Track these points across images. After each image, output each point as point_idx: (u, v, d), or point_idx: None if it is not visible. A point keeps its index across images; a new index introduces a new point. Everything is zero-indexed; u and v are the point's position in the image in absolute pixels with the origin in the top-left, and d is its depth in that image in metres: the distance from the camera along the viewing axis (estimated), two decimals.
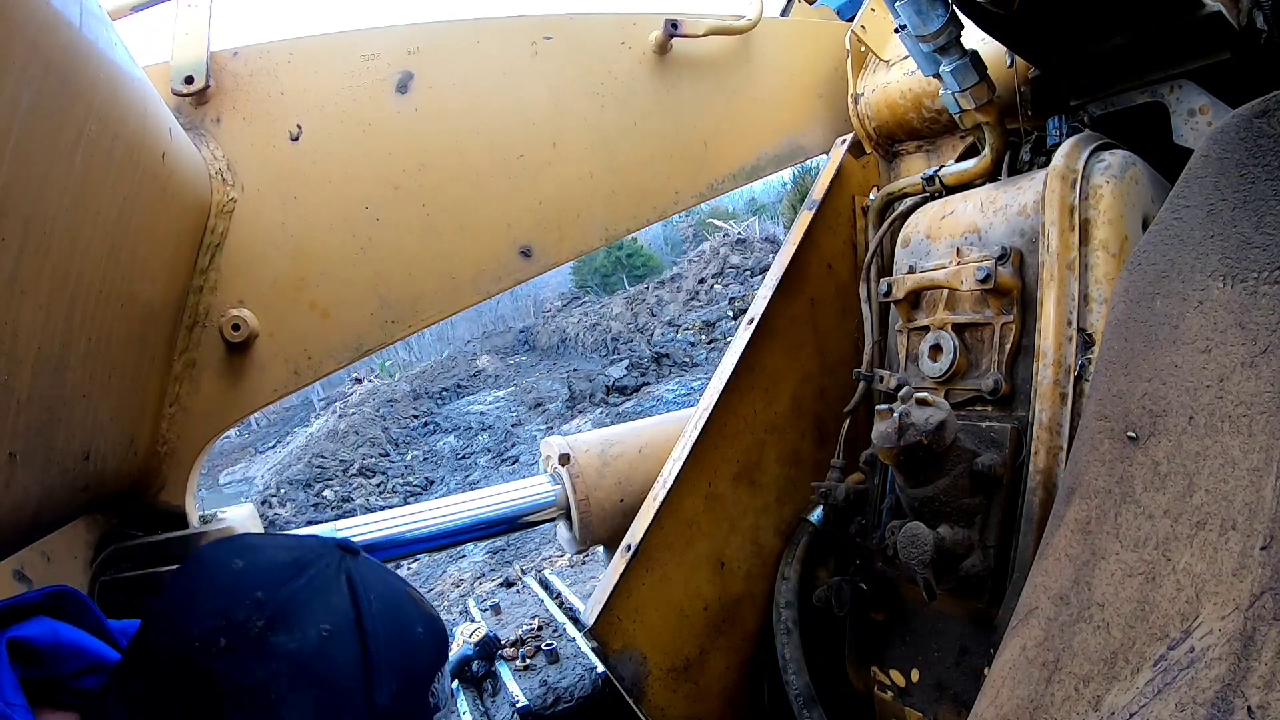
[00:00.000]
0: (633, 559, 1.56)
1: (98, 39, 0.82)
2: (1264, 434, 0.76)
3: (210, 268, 1.39)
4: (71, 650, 0.72)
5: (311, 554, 0.72)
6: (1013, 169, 1.60)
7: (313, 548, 0.73)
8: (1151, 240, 0.96)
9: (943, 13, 1.32)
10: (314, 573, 0.70)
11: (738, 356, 1.71)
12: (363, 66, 1.51)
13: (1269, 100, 0.87)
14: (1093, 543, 0.88)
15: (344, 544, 0.76)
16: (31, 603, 0.74)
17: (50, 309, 0.78)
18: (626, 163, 1.75)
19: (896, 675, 1.56)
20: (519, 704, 2.25)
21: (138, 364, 1.15)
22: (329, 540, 0.76)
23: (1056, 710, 0.82)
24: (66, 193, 0.78)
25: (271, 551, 0.72)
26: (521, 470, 9.81)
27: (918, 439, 1.22)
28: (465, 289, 1.57)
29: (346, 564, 0.73)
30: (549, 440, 1.93)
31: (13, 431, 0.73)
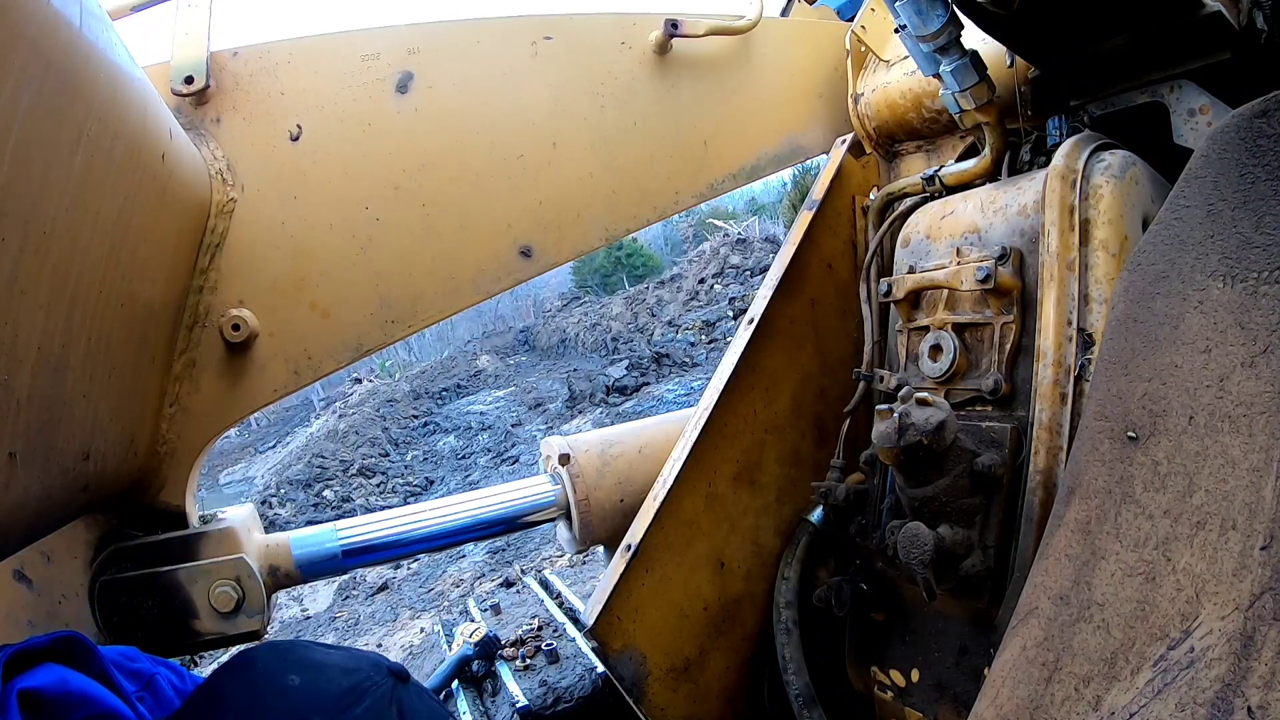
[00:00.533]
0: (633, 559, 1.56)
1: (98, 39, 0.82)
2: (1264, 434, 0.76)
3: (210, 268, 1.39)
4: (79, 699, 0.72)
5: (368, 681, 0.73)
6: (1013, 169, 1.60)
7: (368, 674, 0.74)
8: (1151, 240, 0.96)
9: (943, 13, 1.32)
10: (370, 702, 0.71)
11: (738, 356, 1.71)
12: (363, 66, 1.51)
13: (1269, 100, 0.87)
14: (1093, 543, 0.88)
15: (398, 671, 0.76)
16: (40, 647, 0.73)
17: (50, 309, 0.78)
18: (626, 163, 1.75)
19: (896, 675, 1.56)
20: (519, 704, 2.25)
21: (138, 364, 1.15)
22: (383, 664, 0.77)
23: (1056, 710, 0.82)
24: (66, 193, 0.78)
25: (329, 672, 0.72)
26: (521, 470, 9.81)
27: (918, 439, 1.22)
28: (465, 289, 1.57)
29: (399, 693, 0.74)
30: (549, 440, 1.92)
31: (13, 431, 0.73)
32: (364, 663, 0.76)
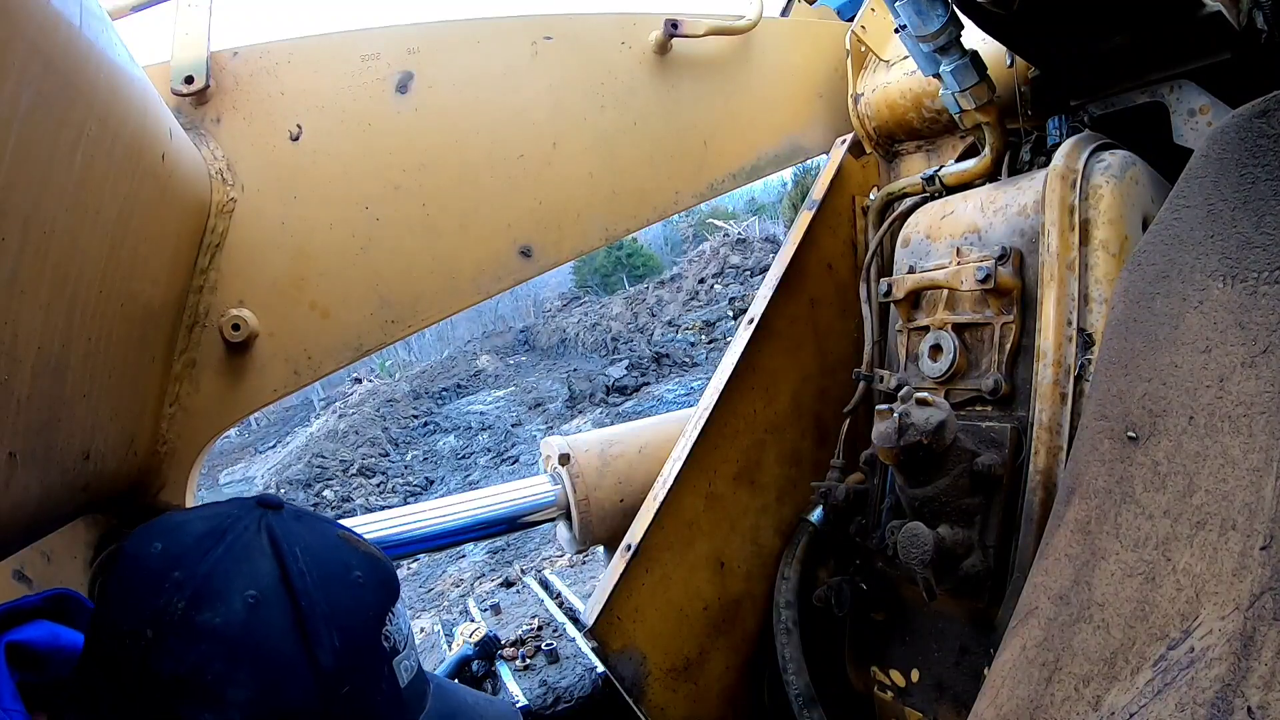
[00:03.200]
0: (633, 559, 1.56)
1: (98, 39, 0.82)
2: (1264, 434, 0.76)
3: (210, 268, 1.39)
4: (71, 653, 0.71)
5: (229, 519, 0.68)
6: (1013, 169, 1.60)
7: (230, 512, 0.69)
8: (1151, 240, 0.96)
9: (943, 13, 1.32)
10: (233, 538, 0.66)
11: (738, 356, 1.71)
12: (363, 66, 1.51)
13: (1269, 100, 0.87)
14: (1093, 543, 0.88)
15: (266, 500, 0.71)
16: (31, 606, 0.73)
17: (50, 309, 0.78)
18: (626, 163, 1.75)
19: (896, 675, 1.56)
20: (519, 704, 2.25)
21: (138, 364, 1.15)
22: (250, 500, 0.71)
23: (1056, 710, 0.82)
24: (66, 193, 0.78)
25: (190, 525, 0.67)
26: (521, 470, 9.81)
27: (918, 439, 1.22)
28: (465, 289, 1.57)
29: (268, 520, 0.68)
30: (549, 440, 1.92)
31: (13, 431, 0.73)
32: (229, 505, 0.71)
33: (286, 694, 0.63)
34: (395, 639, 0.72)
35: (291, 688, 0.64)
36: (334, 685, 0.65)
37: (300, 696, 0.64)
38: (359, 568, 0.72)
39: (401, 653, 0.73)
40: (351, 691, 0.67)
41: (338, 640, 0.66)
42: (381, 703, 0.70)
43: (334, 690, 0.65)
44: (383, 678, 0.70)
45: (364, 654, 0.69)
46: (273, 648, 0.63)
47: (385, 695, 0.71)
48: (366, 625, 0.70)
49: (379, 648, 0.70)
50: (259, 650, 0.63)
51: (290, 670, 0.64)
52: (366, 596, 0.71)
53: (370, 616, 0.70)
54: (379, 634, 0.70)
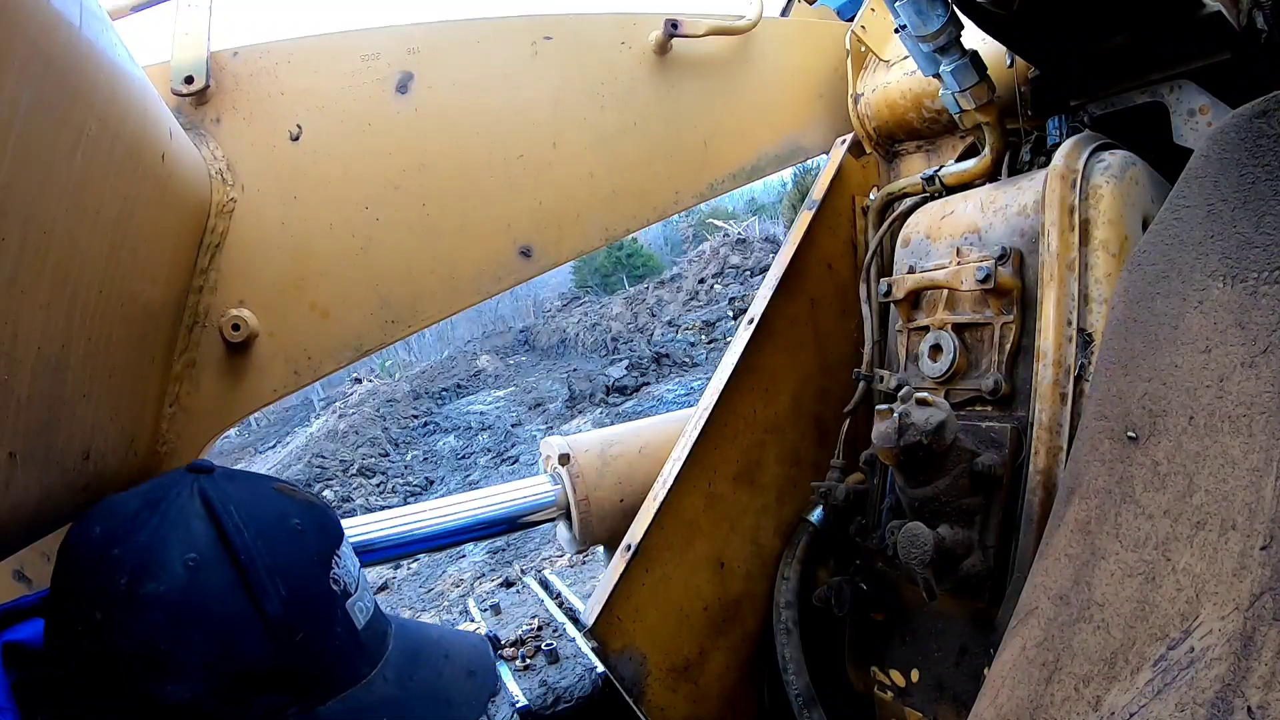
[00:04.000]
0: (633, 559, 1.56)
1: (98, 39, 0.82)
2: (1264, 434, 0.76)
3: (210, 268, 1.39)
4: None
5: (162, 489, 0.68)
6: (1013, 169, 1.60)
7: (163, 483, 0.69)
8: (1151, 240, 0.96)
9: (943, 13, 1.32)
10: (166, 506, 0.66)
11: (738, 356, 1.71)
12: (363, 66, 1.51)
13: (1269, 100, 0.87)
14: (1092, 543, 0.88)
15: (197, 466, 0.72)
16: (30, 605, 0.73)
17: (50, 309, 0.78)
18: (626, 163, 1.75)
19: (896, 675, 1.56)
20: (519, 704, 2.25)
21: (138, 364, 1.15)
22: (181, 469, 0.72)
23: (1056, 710, 0.82)
24: (66, 193, 0.78)
25: (125, 502, 0.68)
26: (521, 470, 9.81)
27: (918, 439, 1.22)
28: (465, 289, 1.57)
29: (200, 484, 0.68)
30: (549, 440, 1.92)
31: (13, 431, 0.72)
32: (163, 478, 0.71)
33: (241, 650, 0.64)
34: (344, 581, 0.72)
35: (245, 643, 0.64)
36: (287, 634, 0.65)
37: (255, 649, 0.64)
38: (296, 516, 0.72)
39: (354, 595, 0.74)
40: (306, 637, 0.67)
41: (283, 589, 0.66)
42: (340, 646, 0.71)
43: (288, 639, 0.66)
44: (337, 620, 0.71)
45: (313, 599, 0.69)
46: (220, 607, 0.64)
47: (342, 638, 0.71)
48: (311, 571, 0.70)
49: (328, 591, 0.70)
50: (206, 611, 0.63)
51: (241, 626, 0.64)
52: (308, 543, 0.71)
53: (314, 562, 0.70)
54: (326, 578, 0.71)
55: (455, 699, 0.80)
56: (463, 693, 0.81)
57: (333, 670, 0.70)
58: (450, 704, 0.79)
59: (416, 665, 0.80)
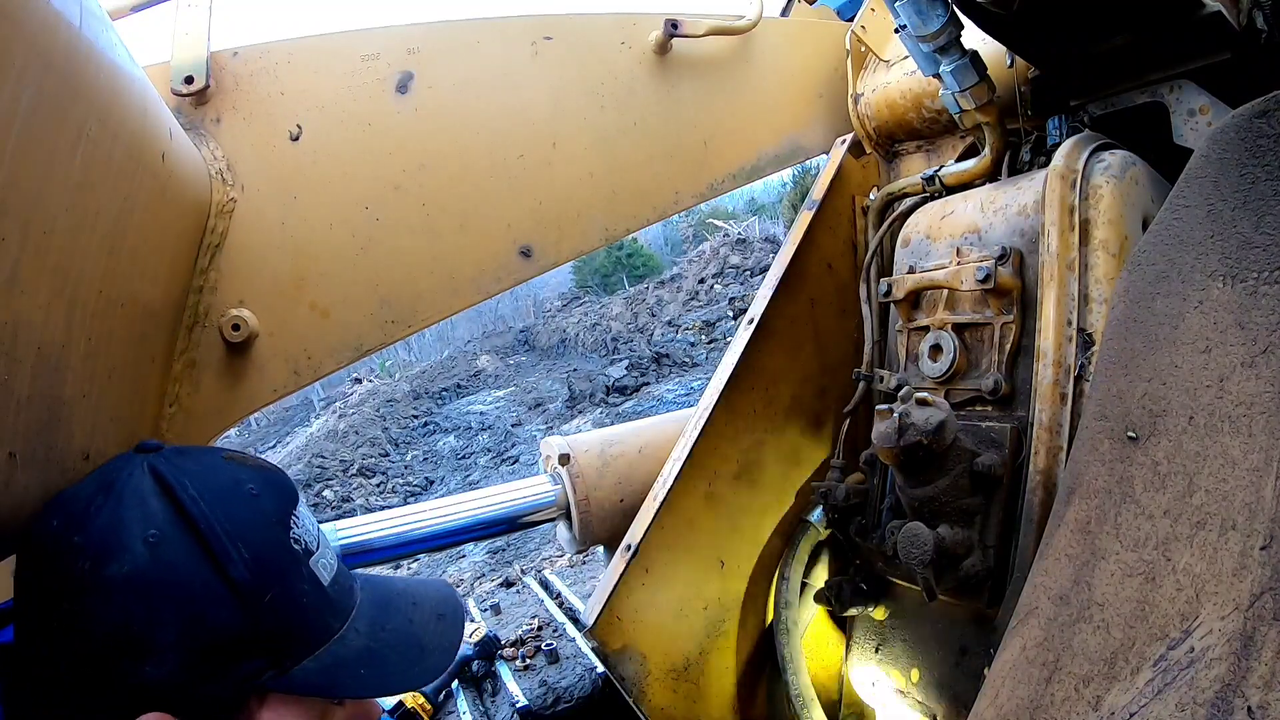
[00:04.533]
0: (632, 559, 1.56)
1: (98, 39, 0.82)
2: (1264, 434, 0.76)
3: (210, 268, 1.39)
4: None
5: (114, 472, 0.68)
6: (1013, 169, 1.60)
7: (114, 466, 0.70)
8: (1151, 240, 0.96)
9: (943, 13, 1.32)
10: (120, 487, 0.67)
11: (738, 356, 1.71)
12: (363, 66, 1.51)
13: (1269, 100, 0.87)
14: (1093, 543, 0.88)
15: (143, 445, 0.72)
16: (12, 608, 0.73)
17: (50, 309, 0.78)
18: (626, 163, 1.75)
19: (897, 675, 1.56)
20: (519, 704, 2.25)
21: (138, 364, 1.14)
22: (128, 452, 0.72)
23: (1056, 710, 0.82)
24: (66, 193, 0.78)
25: (79, 491, 0.68)
26: (521, 470, 9.81)
27: (918, 439, 1.22)
28: (465, 289, 1.57)
29: (150, 462, 0.69)
30: (549, 440, 1.92)
31: (13, 431, 0.72)
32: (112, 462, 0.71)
33: (212, 619, 0.64)
34: (305, 540, 0.73)
35: (215, 612, 0.64)
36: (255, 596, 0.66)
37: (226, 617, 0.65)
38: (250, 481, 0.72)
39: (316, 553, 0.74)
40: (274, 598, 0.67)
41: (246, 553, 0.66)
42: (308, 604, 0.71)
43: (257, 601, 0.66)
44: (303, 579, 0.71)
45: (276, 560, 0.70)
46: (185, 579, 0.64)
47: (310, 595, 0.72)
48: (271, 532, 0.70)
49: (290, 551, 0.71)
50: (173, 585, 0.63)
51: (209, 595, 0.64)
52: (264, 505, 0.72)
53: (272, 523, 0.71)
54: (286, 538, 0.71)
55: (428, 644, 0.80)
56: (434, 637, 0.82)
57: (304, 629, 0.71)
58: (423, 649, 0.80)
59: (387, 615, 0.80)
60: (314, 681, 0.70)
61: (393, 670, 0.75)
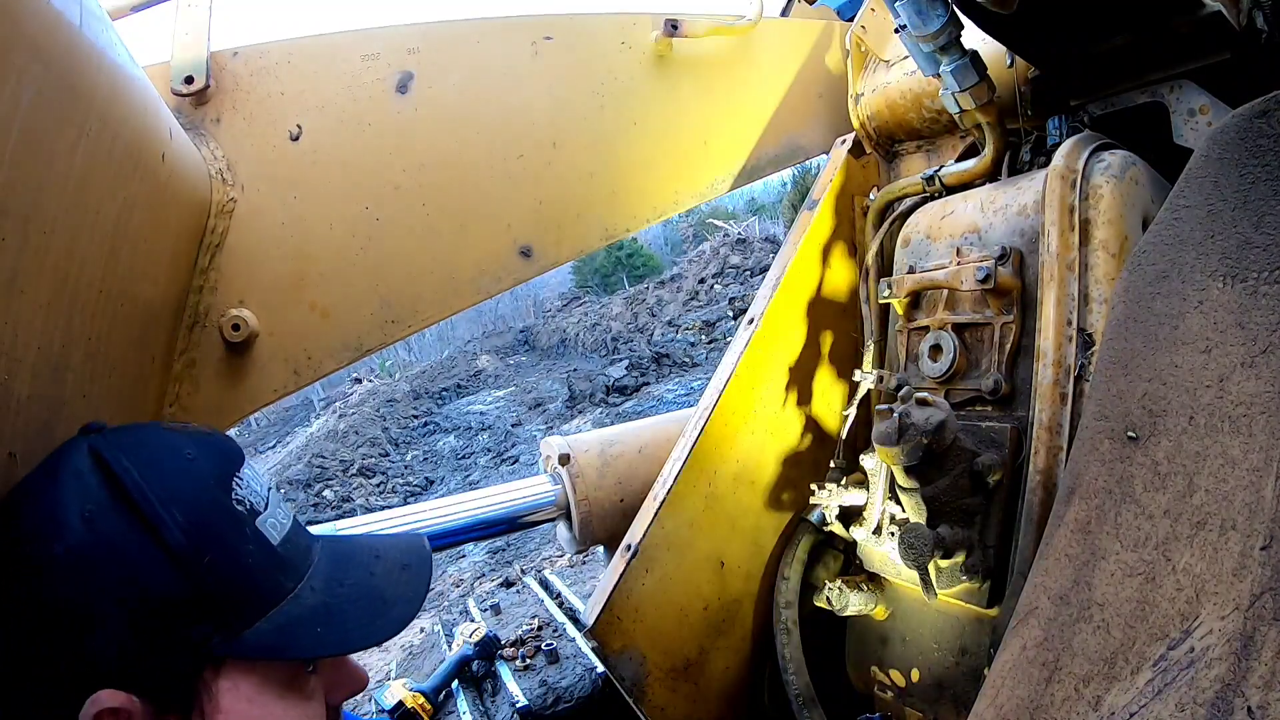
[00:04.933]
0: (632, 559, 1.56)
1: (98, 39, 0.82)
2: (1264, 434, 0.76)
3: (210, 268, 1.39)
4: None
5: (56, 456, 0.68)
6: (1013, 169, 1.60)
7: (59, 450, 0.69)
8: (1151, 240, 0.96)
9: (943, 13, 1.32)
10: (60, 469, 0.66)
11: (738, 356, 1.71)
12: (363, 66, 1.51)
13: (1269, 100, 0.87)
14: (1093, 543, 0.88)
15: (86, 427, 0.71)
16: None
17: (50, 309, 0.78)
18: (626, 163, 1.75)
19: (896, 675, 1.56)
20: (519, 704, 2.25)
21: (138, 364, 1.14)
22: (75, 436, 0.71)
23: (1056, 710, 0.82)
24: (66, 193, 0.78)
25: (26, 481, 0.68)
26: (521, 470, 9.81)
27: (918, 439, 1.22)
28: (465, 289, 1.57)
29: (90, 442, 0.68)
30: (549, 440, 1.93)
31: (13, 431, 0.73)
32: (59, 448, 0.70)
33: (151, 586, 0.63)
34: (250, 501, 0.71)
35: (153, 578, 0.63)
36: (193, 559, 0.64)
37: (164, 581, 0.63)
38: (187, 446, 0.71)
39: (264, 513, 0.72)
40: (214, 560, 0.66)
41: (180, 516, 0.65)
42: (253, 564, 0.69)
43: (195, 563, 0.64)
44: (246, 539, 0.69)
45: (214, 521, 0.68)
46: (122, 549, 0.63)
47: (255, 555, 0.69)
48: (208, 495, 0.69)
49: (231, 512, 0.69)
50: (111, 557, 0.63)
51: (145, 562, 0.63)
52: (200, 469, 0.70)
53: (210, 485, 0.69)
54: (226, 500, 0.69)
55: (390, 595, 0.76)
56: (397, 587, 0.78)
57: (251, 589, 0.68)
58: (385, 601, 0.76)
59: (346, 570, 0.77)
60: (266, 643, 0.67)
61: (352, 625, 0.72)
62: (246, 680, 0.67)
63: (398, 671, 3.10)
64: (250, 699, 0.67)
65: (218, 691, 0.66)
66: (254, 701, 0.67)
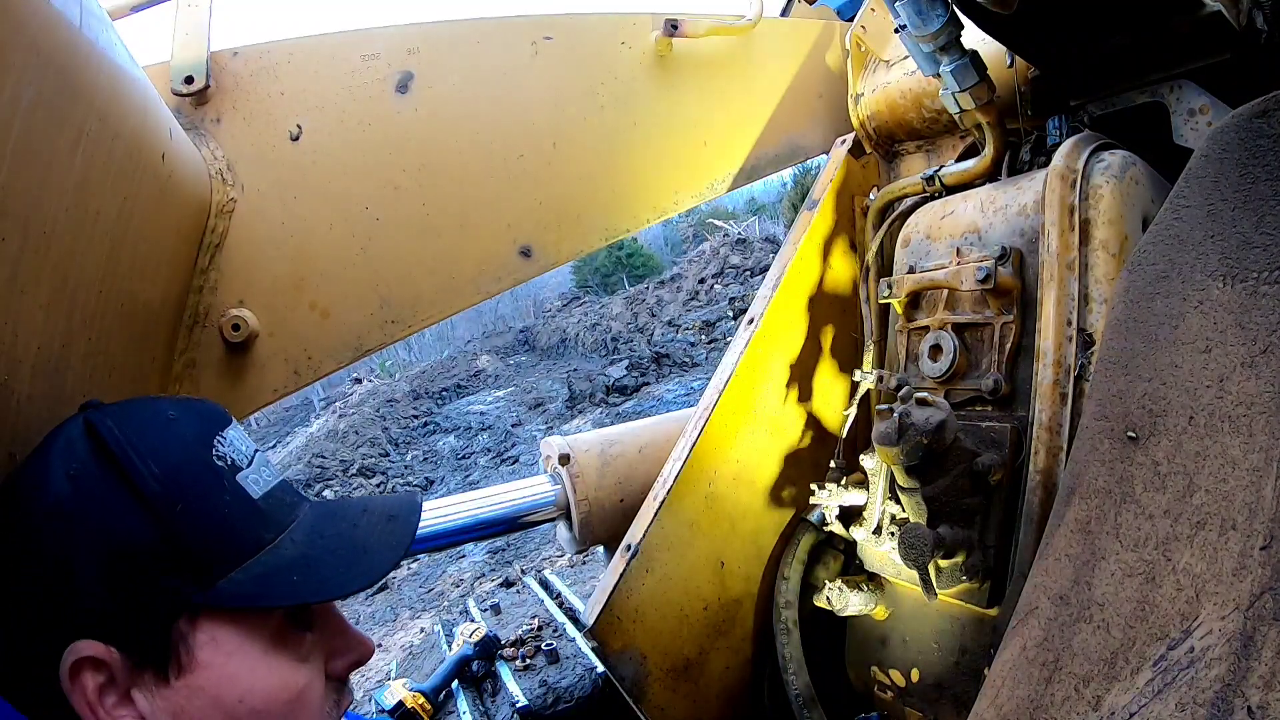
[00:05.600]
0: (632, 559, 1.56)
1: (98, 39, 0.82)
2: (1264, 434, 0.76)
3: (210, 268, 1.39)
4: None
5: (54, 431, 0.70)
6: (1013, 169, 1.60)
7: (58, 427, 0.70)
8: (1151, 240, 0.96)
9: (943, 13, 1.32)
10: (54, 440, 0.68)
11: (738, 356, 1.71)
12: (363, 66, 1.51)
13: (1269, 100, 0.87)
14: (1093, 543, 0.88)
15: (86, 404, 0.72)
16: None
17: (50, 309, 0.78)
18: (626, 163, 1.75)
19: (896, 675, 1.56)
20: (519, 704, 2.25)
21: (138, 364, 1.14)
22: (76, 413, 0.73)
23: (1056, 710, 0.82)
24: (66, 193, 0.78)
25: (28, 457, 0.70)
26: (521, 470, 9.81)
27: (918, 439, 1.22)
28: (465, 289, 1.57)
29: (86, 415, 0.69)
30: (549, 440, 1.93)
31: (13, 431, 0.73)
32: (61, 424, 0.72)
33: (124, 533, 0.64)
34: (232, 457, 0.72)
35: (126, 526, 0.64)
36: (164, 506, 0.65)
37: (138, 529, 0.64)
38: (171, 409, 0.72)
39: (245, 469, 0.72)
40: (186, 508, 0.66)
41: (156, 468, 0.66)
42: (229, 514, 0.69)
43: (168, 511, 0.65)
44: (223, 490, 0.70)
45: (192, 473, 0.68)
46: (99, 501, 0.64)
47: (232, 506, 0.70)
48: (188, 450, 0.70)
49: (209, 465, 0.70)
50: (89, 510, 0.64)
51: (120, 511, 0.64)
52: (183, 427, 0.71)
53: (190, 441, 0.70)
54: (207, 454, 0.70)
55: (371, 545, 0.74)
56: (380, 537, 0.76)
57: (227, 540, 0.68)
58: (366, 550, 0.73)
59: (330, 523, 0.76)
60: (241, 592, 0.66)
61: (328, 573, 0.70)
62: (227, 634, 0.67)
63: (398, 671, 3.10)
64: (230, 653, 0.66)
65: (195, 645, 0.66)
66: (234, 655, 0.66)
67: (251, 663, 0.67)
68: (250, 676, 0.67)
